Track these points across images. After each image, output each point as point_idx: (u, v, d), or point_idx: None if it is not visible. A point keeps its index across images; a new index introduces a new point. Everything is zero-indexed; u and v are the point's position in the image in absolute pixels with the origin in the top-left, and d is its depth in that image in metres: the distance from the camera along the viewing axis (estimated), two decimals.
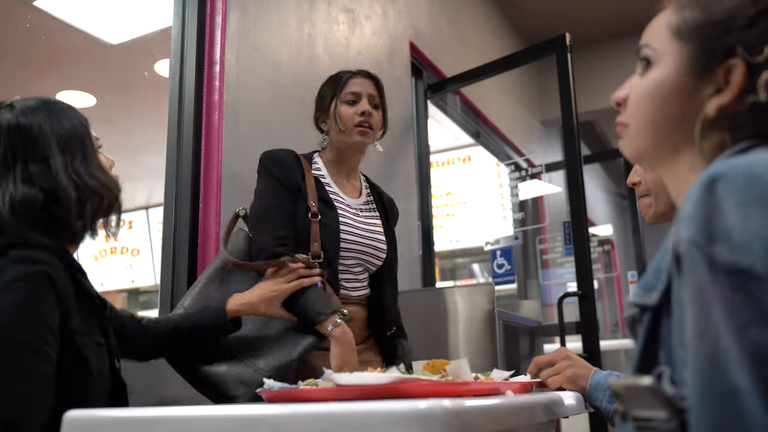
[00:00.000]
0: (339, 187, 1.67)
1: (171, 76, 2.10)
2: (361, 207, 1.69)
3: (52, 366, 1.00)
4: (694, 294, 0.54)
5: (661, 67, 0.72)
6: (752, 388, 0.48)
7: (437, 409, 0.61)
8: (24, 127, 1.10)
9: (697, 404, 0.51)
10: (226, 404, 1.17)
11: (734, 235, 0.53)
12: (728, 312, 0.51)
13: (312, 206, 1.54)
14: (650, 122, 0.73)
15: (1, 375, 0.95)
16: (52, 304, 1.01)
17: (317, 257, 1.51)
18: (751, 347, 0.49)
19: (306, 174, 1.59)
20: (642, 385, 0.58)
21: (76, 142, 1.14)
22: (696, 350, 0.52)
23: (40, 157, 1.09)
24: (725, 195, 0.54)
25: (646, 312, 0.65)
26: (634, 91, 0.76)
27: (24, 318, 0.97)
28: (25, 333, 0.97)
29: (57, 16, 2.77)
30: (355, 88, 1.67)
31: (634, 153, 0.78)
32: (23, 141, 1.09)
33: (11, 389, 0.95)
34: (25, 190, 1.05)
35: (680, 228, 0.57)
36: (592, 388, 1.15)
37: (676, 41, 0.72)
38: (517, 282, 4.32)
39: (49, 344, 0.99)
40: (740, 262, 0.52)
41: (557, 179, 4.59)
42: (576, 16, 4.86)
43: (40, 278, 1.00)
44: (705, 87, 0.68)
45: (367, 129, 1.64)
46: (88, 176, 1.12)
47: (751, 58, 0.65)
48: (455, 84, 3.49)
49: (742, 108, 0.66)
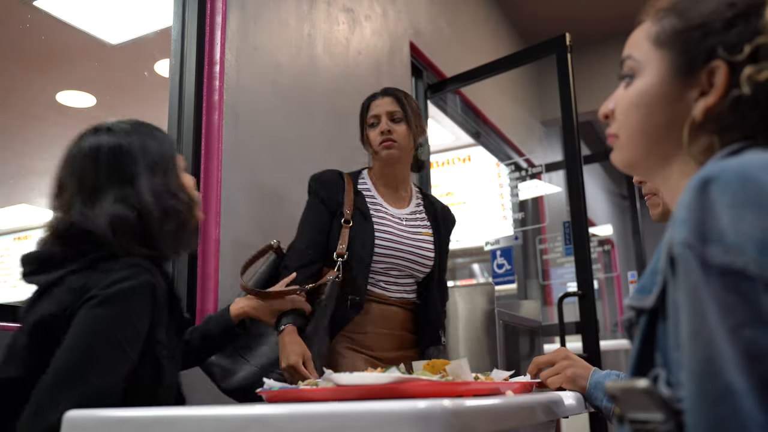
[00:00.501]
0: (384, 199, 1.85)
1: (171, 76, 2.10)
2: (406, 216, 1.85)
3: (127, 367, 1.05)
4: (688, 295, 0.54)
5: (644, 77, 0.73)
6: (747, 388, 0.49)
7: (437, 409, 0.61)
8: (121, 150, 1.19)
9: (693, 405, 0.52)
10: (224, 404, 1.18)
11: (727, 237, 0.53)
12: (722, 313, 0.51)
13: (346, 214, 1.75)
14: (639, 131, 0.74)
15: (76, 367, 1.00)
16: (147, 311, 1.08)
17: (341, 256, 1.71)
18: (746, 347, 0.50)
19: (347, 188, 1.80)
20: (638, 387, 0.58)
21: (161, 164, 1.21)
22: (691, 351, 0.53)
23: (131, 179, 1.17)
24: (718, 197, 0.55)
25: (642, 315, 0.66)
26: (621, 103, 0.77)
27: (116, 317, 1.04)
28: (113, 330, 1.03)
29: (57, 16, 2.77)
30: (375, 110, 1.85)
31: (625, 163, 0.78)
32: (120, 162, 1.18)
33: (81, 382, 0.99)
34: (121, 209, 1.13)
35: (674, 230, 0.57)
36: (592, 388, 1.15)
37: (658, 50, 0.73)
38: (517, 282, 4.32)
39: (131, 346, 1.05)
40: (733, 263, 0.52)
41: (557, 179, 4.59)
42: (576, 16, 4.86)
43: (144, 286, 1.08)
44: (689, 91, 0.70)
45: (390, 143, 1.79)
46: (170, 196, 1.19)
47: (732, 57, 0.66)
48: (455, 84, 3.49)
49: (728, 108, 0.67)
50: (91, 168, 1.17)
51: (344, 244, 1.72)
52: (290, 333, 1.59)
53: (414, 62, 3.38)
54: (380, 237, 1.75)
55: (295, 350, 1.56)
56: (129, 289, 1.06)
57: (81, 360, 1.00)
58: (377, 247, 1.74)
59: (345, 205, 1.76)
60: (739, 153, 0.64)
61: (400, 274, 1.79)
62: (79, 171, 1.18)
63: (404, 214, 1.85)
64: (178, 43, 2.11)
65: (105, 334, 1.02)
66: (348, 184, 1.81)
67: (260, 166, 2.22)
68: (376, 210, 1.80)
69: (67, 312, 1.05)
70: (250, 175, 2.17)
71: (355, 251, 1.72)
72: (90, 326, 1.02)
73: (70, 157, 1.21)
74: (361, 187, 1.84)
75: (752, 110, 0.66)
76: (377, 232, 1.75)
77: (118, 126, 1.23)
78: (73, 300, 1.05)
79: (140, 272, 1.08)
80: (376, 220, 1.77)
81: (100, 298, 1.04)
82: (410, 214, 1.86)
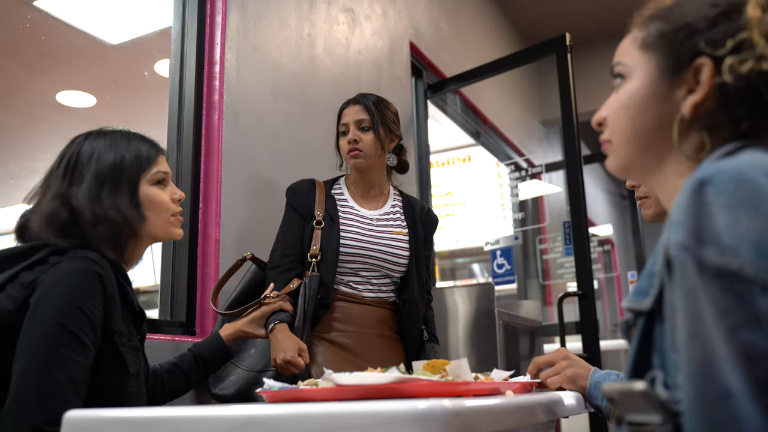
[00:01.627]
0: (356, 201, 1.90)
1: (171, 76, 2.10)
2: (378, 217, 1.89)
3: (88, 357, 1.07)
4: (684, 297, 0.54)
5: (633, 80, 0.75)
6: (745, 389, 0.48)
7: (437, 409, 0.61)
8: (79, 155, 1.23)
9: (690, 407, 0.52)
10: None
11: (723, 238, 0.53)
12: (719, 315, 0.51)
13: (317, 216, 1.81)
14: (631, 133, 0.75)
15: (39, 356, 1.02)
16: (98, 302, 1.10)
17: (315, 257, 1.77)
18: (743, 349, 0.50)
19: (318, 194, 1.85)
20: (635, 390, 0.58)
21: (114, 175, 1.23)
22: (688, 354, 0.53)
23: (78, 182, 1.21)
24: (714, 198, 0.55)
25: (640, 317, 0.66)
26: (612, 108, 0.78)
27: (69, 307, 1.06)
28: (68, 320, 1.05)
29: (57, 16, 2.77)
30: (345, 119, 1.89)
31: (620, 166, 0.78)
32: (74, 166, 1.22)
33: (47, 371, 1.01)
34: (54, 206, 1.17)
35: (670, 232, 0.57)
36: (592, 388, 1.16)
37: (645, 53, 0.75)
38: (517, 282, 4.32)
39: (88, 336, 1.07)
40: (730, 264, 0.52)
41: (557, 179, 4.59)
42: (576, 16, 4.86)
43: (91, 275, 1.10)
44: (677, 91, 0.71)
45: (357, 152, 1.84)
46: (110, 204, 1.20)
47: (716, 52, 0.67)
48: (455, 84, 3.49)
49: (716, 104, 0.68)
50: (54, 168, 1.24)
51: (317, 245, 1.78)
52: (282, 330, 1.63)
53: (414, 62, 3.38)
54: (345, 237, 1.79)
55: (290, 345, 1.59)
56: (77, 281, 1.08)
57: (41, 357, 1.02)
58: (342, 246, 1.78)
59: (316, 209, 1.82)
60: (734, 153, 0.64)
61: (373, 274, 1.82)
62: (48, 171, 1.25)
63: (377, 215, 1.89)
64: (178, 43, 2.11)
65: (59, 328, 1.04)
66: (320, 190, 1.87)
67: (260, 166, 2.21)
68: (345, 212, 1.85)
69: (19, 307, 1.07)
70: (250, 175, 2.16)
71: (323, 252, 1.77)
72: (43, 322, 1.04)
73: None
74: (334, 192, 1.90)
75: (739, 105, 0.66)
76: (343, 233, 1.80)
77: (106, 132, 1.28)
78: (26, 295, 1.08)
79: (87, 264, 1.10)
80: (342, 221, 1.82)
81: (49, 293, 1.07)
82: (383, 214, 1.90)
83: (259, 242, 2.14)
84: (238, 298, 1.81)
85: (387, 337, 1.83)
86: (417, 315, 1.85)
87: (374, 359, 1.72)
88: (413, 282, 1.86)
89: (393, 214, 1.92)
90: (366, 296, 1.81)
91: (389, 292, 1.86)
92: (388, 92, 3.04)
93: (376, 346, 1.79)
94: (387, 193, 1.96)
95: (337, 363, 1.69)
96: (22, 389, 1.00)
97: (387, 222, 1.88)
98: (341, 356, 1.74)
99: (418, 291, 1.86)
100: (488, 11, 4.63)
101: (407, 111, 3.23)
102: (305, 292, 1.71)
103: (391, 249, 1.83)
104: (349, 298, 1.79)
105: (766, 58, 0.65)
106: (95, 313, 1.09)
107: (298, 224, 1.83)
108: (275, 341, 1.61)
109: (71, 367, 1.03)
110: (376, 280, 1.83)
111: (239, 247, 2.03)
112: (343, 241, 1.78)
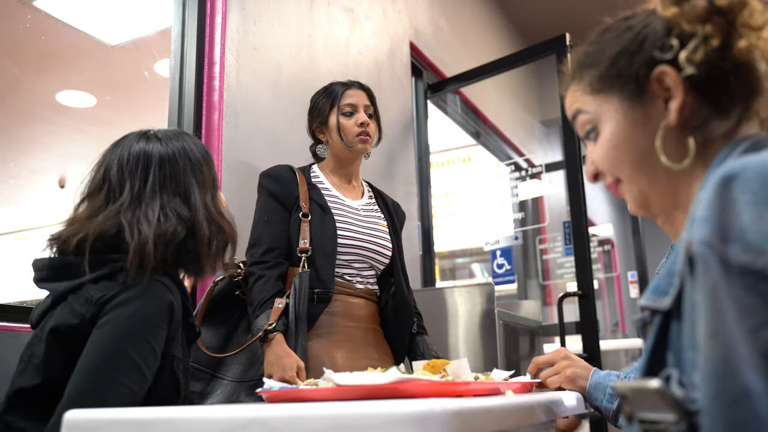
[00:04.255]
0: (339, 191, 1.81)
1: (171, 76, 2.10)
2: (363, 207, 1.81)
3: (143, 388, 1.03)
4: (706, 295, 0.53)
5: (606, 122, 0.76)
6: (765, 389, 0.48)
7: (437, 409, 0.61)
8: (172, 159, 1.15)
9: (709, 407, 0.51)
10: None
11: (748, 236, 0.52)
12: (741, 313, 0.50)
13: (303, 207, 1.69)
14: (630, 164, 0.75)
15: (95, 383, 0.98)
16: (164, 330, 1.06)
17: (305, 252, 1.65)
18: (765, 349, 0.49)
19: (299, 182, 1.74)
20: (650, 387, 0.58)
21: (209, 177, 1.19)
22: (708, 352, 0.52)
23: (183, 191, 1.14)
24: (739, 195, 0.54)
25: (656, 315, 0.65)
26: (600, 155, 0.78)
27: (136, 335, 1.02)
28: (132, 347, 1.01)
29: (57, 16, 2.77)
30: (351, 99, 1.81)
31: (639, 202, 0.77)
32: (171, 172, 1.14)
33: (100, 395, 0.98)
34: (172, 224, 1.10)
35: (693, 229, 0.56)
36: (592, 388, 1.15)
37: (599, 96, 0.76)
38: (517, 282, 4.32)
39: (149, 366, 1.03)
40: (754, 263, 0.51)
41: (557, 179, 4.58)
42: (576, 16, 4.86)
43: (163, 305, 1.06)
44: (651, 108, 0.72)
45: (367, 137, 1.79)
46: (218, 214, 1.17)
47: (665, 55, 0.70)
48: (455, 84, 3.49)
49: (697, 100, 0.69)
50: (143, 174, 1.13)
51: (306, 239, 1.66)
52: (279, 342, 1.53)
53: (414, 62, 3.38)
54: (342, 228, 1.71)
55: (288, 364, 1.50)
56: (147, 307, 1.03)
57: (97, 380, 0.99)
58: (340, 238, 1.69)
59: (301, 199, 1.70)
60: (758, 149, 0.64)
61: (363, 266, 1.75)
62: (126, 176, 1.13)
63: (360, 205, 1.83)
64: (178, 43, 2.11)
65: (122, 354, 1.00)
66: (300, 178, 1.76)
67: (260, 165, 2.21)
68: (333, 202, 1.76)
69: (85, 324, 1.03)
70: (250, 175, 2.16)
71: (317, 245, 1.66)
72: (107, 346, 1.01)
73: (115, 160, 1.15)
74: (314, 180, 1.80)
75: (716, 91, 0.68)
76: (339, 223, 1.71)
77: (163, 133, 1.20)
78: (93, 313, 1.03)
79: (160, 291, 1.06)
80: (335, 212, 1.73)
81: (118, 315, 1.02)
82: (365, 205, 1.84)
83: None
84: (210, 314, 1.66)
85: (375, 331, 1.77)
86: (408, 308, 1.80)
87: (373, 354, 1.69)
88: (399, 274, 1.80)
89: (373, 205, 1.87)
90: (359, 287, 1.74)
91: (374, 284, 1.79)
92: (388, 92, 3.04)
93: (371, 342, 1.73)
94: (361, 184, 1.91)
95: (339, 361, 1.64)
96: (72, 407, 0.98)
97: (370, 213, 1.83)
98: (341, 355, 1.66)
99: (405, 283, 1.82)
100: (488, 11, 4.63)
101: (407, 111, 3.23)
102: (296, 292, 1.58)
103: (379, 240, 1.78)
104: (347, 289, 1.71)
105: (710, 37, 0.67)
106: (160, 342, 1.05)
107: (281, 215, 1.70)
108: (272, 355, 1.51)
109: (125, 395, 1.00)
110: (366, 272, 1.77)
111: (239, 247, 2.03)
112: (340, 232, 1.70)
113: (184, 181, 1.15)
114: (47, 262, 1.12)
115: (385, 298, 1.80)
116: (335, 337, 1.67)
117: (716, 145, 0.70)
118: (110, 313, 1.02)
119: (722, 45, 0.67)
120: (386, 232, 1.82)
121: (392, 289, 1.79)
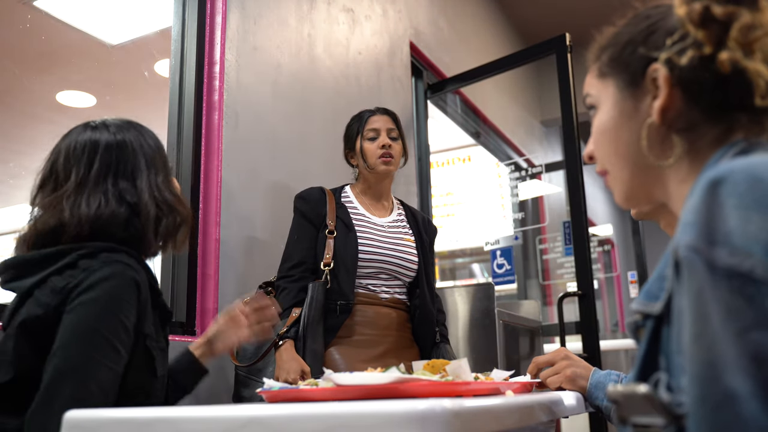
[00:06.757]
0: (366, 209, 1.95)
1: (171, 76, 2.10)
2: (389, 224, 1.96)
3: (121, 364, 1.06)
4: (692, 298, 0.53)
5: (601, 107, 0.78)
6: (752, 392, 0.48)
7: (437, 409, 0.61)
8: (120, 145, 1.18)
9: (695, 410, 0.51)
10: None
11: (734, 239, 0.52)
12: (727, 316, 0.50)
13: (330, 225, 1.84)
14: (615, 154, 0.77)
15: (73, 364, 1.01)
16: (133, 307, 1.08)
17: (328, 265, 1.79)
18: (752, 351, 0.49)
19: (328, 201, 1.89)
20: (638, 392, 0.58)
21: (159, 161, 1.22)
22: (693, 355, 0.52)
23: (130, 174, 1.17)
24: (726, 199, 0.54)
25: (648, 319, 0.65)
26: (593, 138, 0.80)
27: (105, 314, 1.05)
28: (103, 327, 1.04)
29: (57, 16, 2.77)
30: (375, 125, 1.95)
31: (625, 194, 0.79)
32: (117, 158, 1.17)
33: (80, 379, 1.00)
34: (114, 207, 1.13)
35: (680, 234, 0.56)
36: (592, 388, 1.15)
37: (603, 81, 0.78)
38: (517, 282, 4.32)
39: (122, 342, 1.05)
40: (740, 265, 0.51)
41: (557, 179, 4.59)
42: (576, 16, 4.86)
43: (128, 282, 1.08)
44: (641, 102, 0.73)
45: (389, 158, 1.92)
46: (168, 194, 1.20)
47: (659, 53, 0.70)
48: (455, 84, 3.49)
49: (684, 103, 0.69)
50: (87, 163, 1.16)
51: (330, 253, 1.80)
52: (287, 349, 1.68)
53: (414, 62, 3.38)
54: (363, 244, 1.84)
55: (293, 367, 1.64)
56: (114, 287, 1.06)
57: (75, 362, 1.01)
58: (361, 253, 1.83)
59: (328, 217, 1.85)
60: (747, 152, 0.64)
61: (387, 277, 1.88)
62: (72, 166, 1.16)
63: (387, 222, 1.96)
64: (178, 43, 2.11)
65: (95, 334, 1.03)
66: (330, 198, 1.91)
67: (260, 165, 2.21)
68: (359, 220, 1.90)
69: (51, 313, 1.04)
70: (250, 175, 2.16)
71: (340, 259, 1.80)
72: (80, 327, 1.03)
73: (62, 152, 1.18)
74: (344, 200, 1.94)
75: (702, 96, 0.68)
76: (360, 239, 1.85)
77: (111, 122, 1.22)
78: (58, 301, 1.05)
79: (123, 269, 1.08)
80: (358, 229, 1.87)
81: (86, 299, 1.04)
82: (392, 222, 1.97)
83: (259, 242, 2.14)
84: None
85: (406, 338, 1.88)
86: (430, 319, 1.90)
87: (391, 361, 1.73)
88: (423, 287, 1.92)
89: (400, 222, 1.99)
90: (383, 297, 1.86)
91: (402, 294, 1.91)
92: (388, 92, 3.04)
93: (393, 348, 1.82)
94: (392, 202, 2.04)
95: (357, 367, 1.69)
96: (55, 388, 1.00)
97: (397, 229, 1.95)
98: (360, 360, 1.75)
99: (429, 296, 1.92)
100: (488, 11, 4.63)
101: (407, 111, 3.23)
102: (309, 301, 1.74)
103: (403, 254, 1.90)
104: (368, 299, 1.83)
105: (701, 44, 0.67)
106: (130, 319, 1.07)
107: (310, 232, 1.85)
108: (280, 360, 1.66)
109: (103, 374, 1.02)
110: (391, 282, 1.89)
111: (239, 248, 2.03)
112: (361, 248, 1.83)
113: (132, 164, 1.18)
114: (10, 262, 1.14)
115: (414, 305, 1.92)
116: (355, 344, 1.79)
117: (707, 149, 0.70)
118: (78, 298, 1.04)
119: (713, 53, 0.67)
120: (412, 247, 1.94)
121: (417, 301, 1.90)
